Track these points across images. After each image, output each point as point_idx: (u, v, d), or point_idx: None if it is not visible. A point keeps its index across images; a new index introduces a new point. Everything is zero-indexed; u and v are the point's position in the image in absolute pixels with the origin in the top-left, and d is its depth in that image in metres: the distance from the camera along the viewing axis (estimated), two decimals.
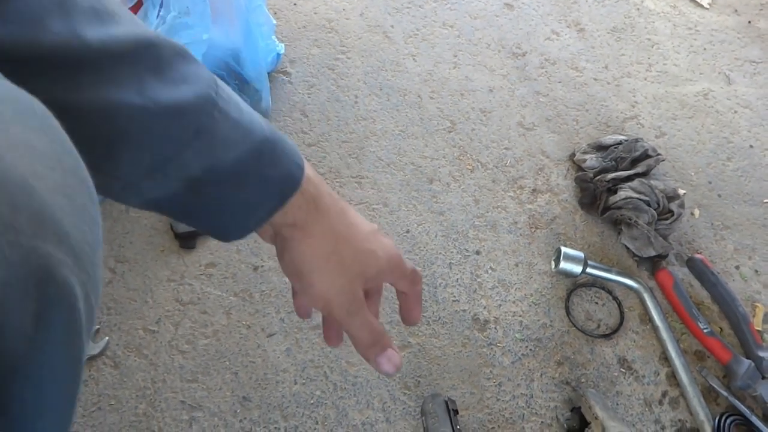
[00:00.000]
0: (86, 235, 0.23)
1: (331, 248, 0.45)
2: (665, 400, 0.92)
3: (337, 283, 0.45)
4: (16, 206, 0.19)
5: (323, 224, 0.45)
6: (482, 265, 1.01)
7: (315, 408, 0.85)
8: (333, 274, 0.45)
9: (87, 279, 0.23)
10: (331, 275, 0.45)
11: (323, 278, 0.45)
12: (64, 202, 0.22)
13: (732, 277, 1.06)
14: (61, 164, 0.23)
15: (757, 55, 1.45)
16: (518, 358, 0.93)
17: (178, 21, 0.90)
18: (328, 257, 0.45)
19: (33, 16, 0.32)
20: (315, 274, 0.45)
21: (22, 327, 0.19)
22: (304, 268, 0.45)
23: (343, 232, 0.46)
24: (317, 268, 0.45)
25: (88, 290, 0.23)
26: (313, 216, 0.45)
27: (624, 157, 1.10)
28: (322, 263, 0.45)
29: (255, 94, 1.07)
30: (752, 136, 1.28)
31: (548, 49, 1.37)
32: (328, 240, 0.45)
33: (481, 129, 1.19)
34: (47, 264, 0.20)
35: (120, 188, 0.39)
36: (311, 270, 0.45)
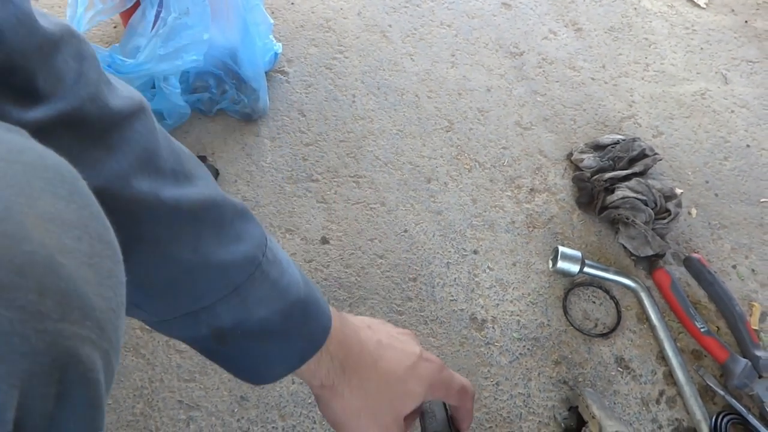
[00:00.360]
0: (111, 302, 0.24)
1: (362, 404, 0.48)
2: (662, 399, 0.93)
3: (372, 430, 0.49)
4: (43, 290, 0.20)
5: (352, 383, 0.48)
6: (480, 265, 1.01)
7: (313, 407, 0.85)
8: (367, 426, 0.49)
9: (110, 346, 0.23)
10: (365, 427, 0.49)
11: (358, 430, 0.49)
12: (91, 274, 0.23)
13: (729, 276, 1.07)
14: (88, 232, 0.24)
15: (754, 54, 1.45)
16: (516, 357, 0.93)
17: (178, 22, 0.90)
18: (359, 414, 0.48)
19: (121, 173, 0.35)
20: (349, 428, 0.49)
21: (44, 407, 0.19)
22: (338, 421, 0.49)
23: (373, 388, 0.49)
24: (349, 424, 0.49)
25: (111, 356, 0.23)
26: (339, 377, 0.47)
27: (621, 156, 1.10)
28: (354, 420, 0.49)
29: (252, 93, 1.07)
30: (749, 136, 1.28)
31: (546, 48, 1.37)
32: (358, 398, 0.48)
33: (479, 128, 1.19)
34: (72, 346, 0.20)
35: (153, 323, 0.42)
36: (344, 424, 0.49)
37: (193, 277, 0.40)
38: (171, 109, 1.01)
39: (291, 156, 1.08)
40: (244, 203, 0.44)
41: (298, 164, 1.08)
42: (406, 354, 0.51)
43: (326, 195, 1.05)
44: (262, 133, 1.10)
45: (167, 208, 0.38)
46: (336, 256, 0.99)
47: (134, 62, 0.90)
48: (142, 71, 0.91)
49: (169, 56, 0.92)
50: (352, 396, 0.48)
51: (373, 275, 0.98)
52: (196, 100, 1.07)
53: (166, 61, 0.92)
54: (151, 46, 0.90)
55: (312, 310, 0.46)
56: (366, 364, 0.48)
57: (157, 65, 0.91)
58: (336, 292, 0.95)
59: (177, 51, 0.92)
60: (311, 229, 1.01)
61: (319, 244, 0.99)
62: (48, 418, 0.19)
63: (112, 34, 1.18)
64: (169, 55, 0.92)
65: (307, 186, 1.05)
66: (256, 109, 1.09)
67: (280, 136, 1.10)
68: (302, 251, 0.98)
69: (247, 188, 1.03)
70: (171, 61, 0.92)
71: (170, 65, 0.92)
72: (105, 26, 1.19)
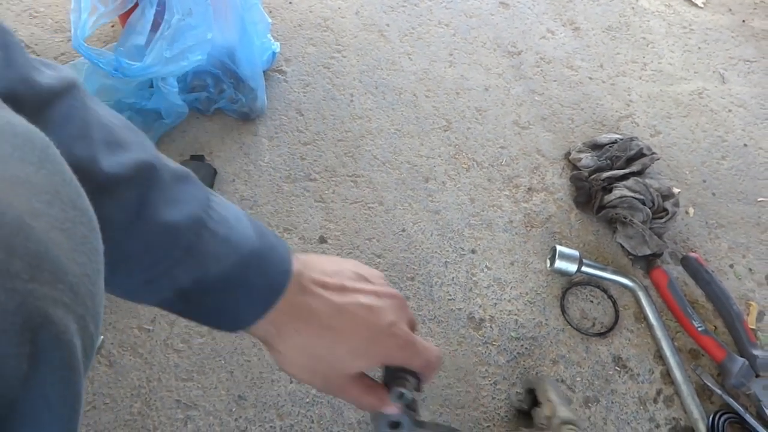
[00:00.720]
0: (86, 267, 0.24)
1: (300, 362, 0.50)
2: (660, 398, 0.93)
3: (316, 382, 0.51)
4: (12, 250, 0.20)
5: (287, 343, 0.49)
6: (478, 264, 1.01)
7: (310, 407, 0.85)
8: (308, 379, 0.51)
9: (85, 311, 0.23)
10: (305, 379, 0.51)
11: (297, 377, 0.51)
12: (62, 238, 0.23)
13: (726, 275, 1.07)
14: (60, 197, 0.24)
15: (751, 54, 1.46)
16: (513, 356, 0.93)
17: (182, 23, 0.90)
18: (296, 366, 0.50)
19: (60, 142, 0.36)
20: (290, 374, 0.51)
21: (17, 369, 0.19)
22: (280, 366, 0.51)
23: (312, 353, 0.49)
24: (289, 371, 0.51)
25: (87, 321, 0.23)
26: (275, 338, 0.49)
27: (619, 155, 1.11)
28: (291, 369, 0.50)
29: (250, 92, 1.07)
30: (746, 135, 1.28)
31: (543, 47, 1.37)
32: (296, 355, 0.49)
33: (477, 128, 1.19)
34: (43, 306, 0.20)
35: (119, 294, 0.44)
36: (285, 370, 0.51)
37: (144, 244, 0.41)
38: (169, 108, 1.01)
39: (289, 155, 1.08)
40: (186, 169, 0.46)
41: (296, 163, 1.08)
42: (368, 327, 0.50)
43: (324, 194, 1.05)
44: (260, 132, 1.10)
45: (104, 176, 0.39)
46: (334, 255, 0.99)
47: (141, 65, 0.90)
48: (149, 74, 0.91)
49: (175, 58, 0.92)
50: (288, 352, 0.49)
51: None
52: (194, 99, 1.07)
53: (173, 63, 0.92)
54: (157, 49, 0.90)
55: (268, 258, 0.47)
56: (310, 333, 0.48)
57: (164, 68, 0.91)
58: None
59: (182, 52, 0.92)
60: (309, 228, 1.01)
61: (317, 243, 0.99)
62: (22, 379, 0.19)
63: (110, 33, 1.18)
64: (175, 57, 0.92)
65: (305, 185, 1.05)
66: (254, 109, 1.09)
67: (278, 136, 1.10)
68: (300, 250, 0.98)
69: (245, 187, 1.03)
70: (177, 62, 0.92)
71: (176, 66, 0.92)
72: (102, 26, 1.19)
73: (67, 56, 1.12)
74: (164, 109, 1.01)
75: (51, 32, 1.16)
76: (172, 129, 1.07)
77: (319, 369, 0.49)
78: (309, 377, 0.50)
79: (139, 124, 1.04)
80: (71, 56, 1.12)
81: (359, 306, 0.50)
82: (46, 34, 1.16)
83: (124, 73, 0.90)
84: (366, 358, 0.50)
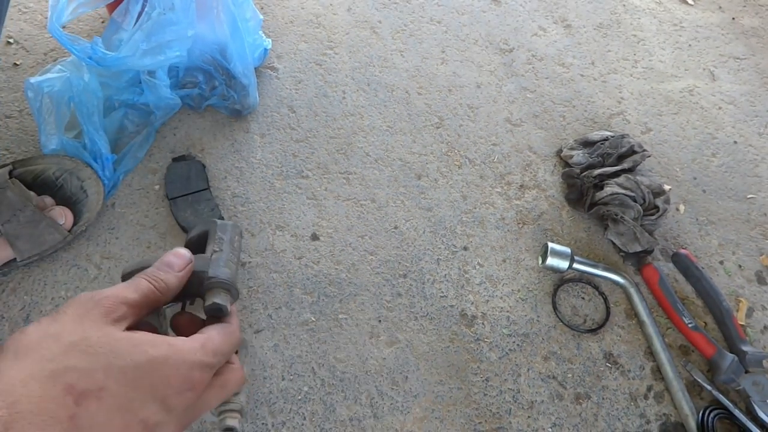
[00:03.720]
0: None
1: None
2: (650, 394, 0.93)
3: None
4: None
5: None
6: (470, 261, 1.02)
7: (302, 404, 0.85)
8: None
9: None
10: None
11: None
12: None
13: (716, 272, 1.08)
14: None
15: (741, 51, 1.46)
16: (505, 353, 0.94)
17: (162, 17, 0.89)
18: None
19: None
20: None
21: None
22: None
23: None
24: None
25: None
26: None
27: (610, 153, 1.11)
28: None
29: (242, 89, 1.07)
30: (736, 132, 1.29)
31: (535, 45, 1.37)
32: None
33: (469, 125, 1.19)
34: None
35: None
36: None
37: None
38: (158, 101, 1.00)
39: (281, 152, 1.08)
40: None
41: (288, 161, 1.07)
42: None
43: (316, 191, 1.05)
44: (252, 129, 1.10)
45: None
46: (326, 253, 0.98)
47: (115, 55, 0.89)
48: (124, 65, 0.90)
49: (152, 51, 0.91)
50: None
51: (364, 272, 0.98)
52: (186, 96, 1.06)
53: (149, 55, 0.91)
54: (134, 40, 0.89)
55: None
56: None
57: (139, 60, 0.90)
58: (326, 289, 0.95)
59: (160, 46, 0.91)
60: (301, 225, 1.01)
61: (309, 240, 0.99)
62: None
63: (100, 29, 1.17)
64: (152, 50, 0.91)
65: (297, 182, 1.05)
66: (246, 105, 1.08)
67: (270, 133, 1.10)
68: (292, 248, 0.98)
69: (236, 185, 1.03)
70: (154, 56, 0.91)
71: (153, 60, 0.91)
72: (92, 21, 1.18)
73: (57, 52, 1.11)
74: (154, 103, 1.00)
75: (40, 28, 1.15)
76: (164, 125, 1.06)
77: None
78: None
79: (135, 119, 1.03)
80: (61, 52, 1.11)
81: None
82: (36, 29, 1.15)
83: (98, 63, 0.88)
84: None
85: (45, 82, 0.92)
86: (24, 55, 1.11)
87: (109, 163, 0.96)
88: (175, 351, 0.42)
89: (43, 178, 0.91)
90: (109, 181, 0.96)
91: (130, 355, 0.40)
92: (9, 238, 0.84)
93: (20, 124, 1.02)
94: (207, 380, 0.45)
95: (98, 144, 0.95)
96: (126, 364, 0.39)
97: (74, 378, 0.37)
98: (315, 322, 0.92)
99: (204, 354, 0.44)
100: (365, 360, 0.90)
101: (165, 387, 0.41)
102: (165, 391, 0.41)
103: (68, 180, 0.91)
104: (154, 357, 0.41)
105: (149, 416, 0.40)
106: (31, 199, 0.86)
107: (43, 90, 0.92)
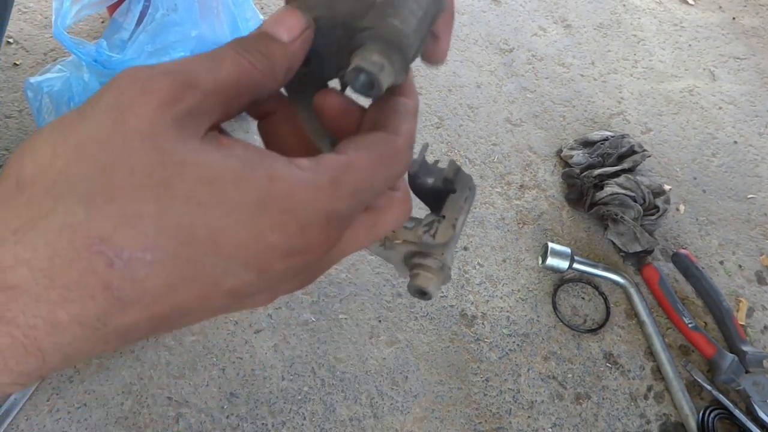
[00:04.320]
0: None
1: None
2: (650, 394, 0.93)
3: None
4: None
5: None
6: (470, 261, 1.02)
7: (303, 404, 0.85)
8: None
9: None
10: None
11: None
12: None
13: (716, 272, 1.07)
14: None
15: (741, 51, 1.46)
16: (505, 353, 0.94)
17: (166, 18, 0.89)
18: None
19: None
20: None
21: None
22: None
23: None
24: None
25: None
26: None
27: (610, 153, 1.11)
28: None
29: None
30: (736, 132, 1.29)
31: (535, 45, 1.37)
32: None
33: (469, 125, 1.19)
34: None
35: None
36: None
37: None
38: None
39: None
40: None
41: None
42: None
43: None
44: (252, 129, 1.10)
45: None
46: None
47: (120, 57, 0.89)
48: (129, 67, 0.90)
49: (156, 52, 0.91)
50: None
51: (364, 271, 0.98)
52: None
53: (154, 57, 0.91)
54: (138, 42, 0.89)
55: None
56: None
57: (145, 61, 0.90)
58: (326, 289, 0.95)
59: (164, 47, 0.91)
60: None
61: None
62: None
63: (100, 29, 1.17)
64: (157, 51, 0.91)
65: None
66: None
67: None
68: None
69: None
70: (158, 57, 0.91)
71: (158, 61, 0.91)
72: (93, 21, 1.18)
73: (56, 52, 1.11)
74: None
75: (40, 28, 1.15)
76: None
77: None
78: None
79: None
80: (61, 52, 1.11)
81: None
82: (36, 29, 1.15)
83: (103, 65, 0.89)
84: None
85: (45, 82, 0.92)
86: (24, 55, 1.11)
87: None
88: (281, 187, 0.24)
89: None
90: None
91: (200, 190, 0.23)
92: None
93: (20, 124, 1.02)
94: (335, 238, 0.27)
95: None
96: (192, 207, 0.22)
97: (104, 228, 0.22)
98: (315, 322, 0.92)
99: (334, 197, 0.25)
100: (365, 360, 0.90)
101: (260, 247, 0.24)
102: (261, 254, 0.24)
103: None
104: (242, 199, 0.23)
105: (238, 285, 0.24)
106: None
107: (43, 90, 0.92)
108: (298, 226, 0.24)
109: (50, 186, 0.22)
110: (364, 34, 0.29)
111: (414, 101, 0.32)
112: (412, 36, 0.30)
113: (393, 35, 0.29)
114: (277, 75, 0.28)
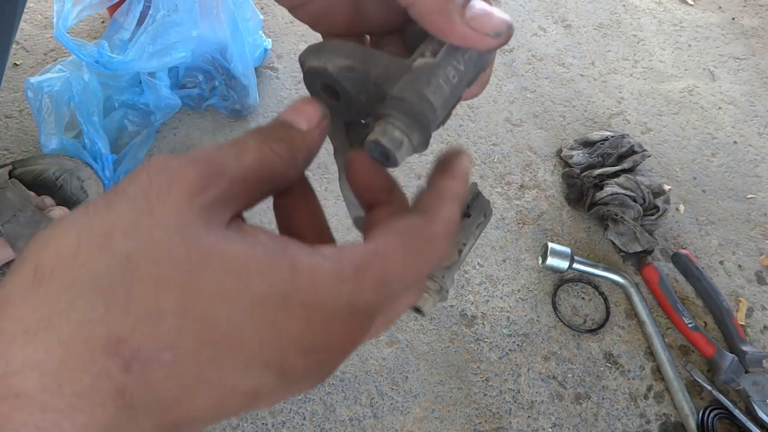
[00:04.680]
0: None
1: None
2: (650, 394, 0.93)
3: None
4: None
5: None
6: (470, 261, 1.02)
7: (302, 404, 0.85)
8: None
9: None
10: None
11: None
12: None
13: (716, 272, 1.08)
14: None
15: (741, 51, 1.46)
16: (505, 353, 0.94)
17: (167, 19, 0.89)
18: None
19: None
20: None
21: None
22: None
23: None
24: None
25: None
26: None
27: (610, 153, 1.11)
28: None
29: (242, 89, 1.07)
30: (736, 132, 1.29)
31: (535, 45, 1.37)
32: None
33: (469, 125, 1.19)
34: None
35: None
36: None
37: None
38: (158, 101, 1.00)
39: None
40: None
41: None
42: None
43: (317, 191, 1.04)
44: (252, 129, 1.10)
45: None
46: None
47: (122, 59, 0.89)
48: (131, 68, 0.90)
49: (158, 53, 0.91)
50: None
51: None
52: (185, 96, 1.06)
53: (155, 58, 0.91)
54: (140, 43, 0.90)
55: None
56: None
57: (146, 62, 0.91)
58: None
59: (166, 48, 0.91)
60: None
61: None
62: None
63: (100, 29, 1.17)
64: (158, 52, 0.91)
65: None
66: (246, 105, 1.08)
67: None
68: None
69: None
70: (160, 58, 0.91)
71: (159, 62, 0.92)
72: (92, 21, 1.18)
73: (56, 52, 1.11)
74: (154, 103, 1.00)
75: (40, 28, 1.15)
76: (164, 126, 1.06)
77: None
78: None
79: (135, 119, 1.03)
80: (61, 53, 1.11)
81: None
82: (36, 30, 1.15)
83: (105, 66, 0.89)
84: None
85: (45, 82, 0.92)
86: (24, 55, 1.11)
87: (110, 164, 0.96)
88: (304, 278, 0.23)
89: (43, 178, 0.91)
90: (109, 182, 0.96)
91: (225, 282, 0.22)
92: (9, 238, 0.84)
93: (20, 124, 1.02)
94: (361, 332, 0.25)
95: (98, 144, 0.95)
96: (216, 301, 0.21)
97: (123, 326, 0.20)
98: None
99: (358, 289, 0.24)
100: (365, 360, 0.90)
101: (282, 344, 0.22)
102: (282, 351, 0.23)
103: (68, 180, 0.91)
104: (266, 290, 0.22)
105: (256, 387, 0.23)
106: (31, 199, 0.86)
107: (43, 90, 0.92)
108: (321, 321, 0.23)
109: (71, 279, 0.21)
110: (392, 103, 0.29)
111: (461, 185, 0.31)
112: (441, 109, 0.29)
113: (419, 112, 0.28)
114: (298, 162, 0.28)
